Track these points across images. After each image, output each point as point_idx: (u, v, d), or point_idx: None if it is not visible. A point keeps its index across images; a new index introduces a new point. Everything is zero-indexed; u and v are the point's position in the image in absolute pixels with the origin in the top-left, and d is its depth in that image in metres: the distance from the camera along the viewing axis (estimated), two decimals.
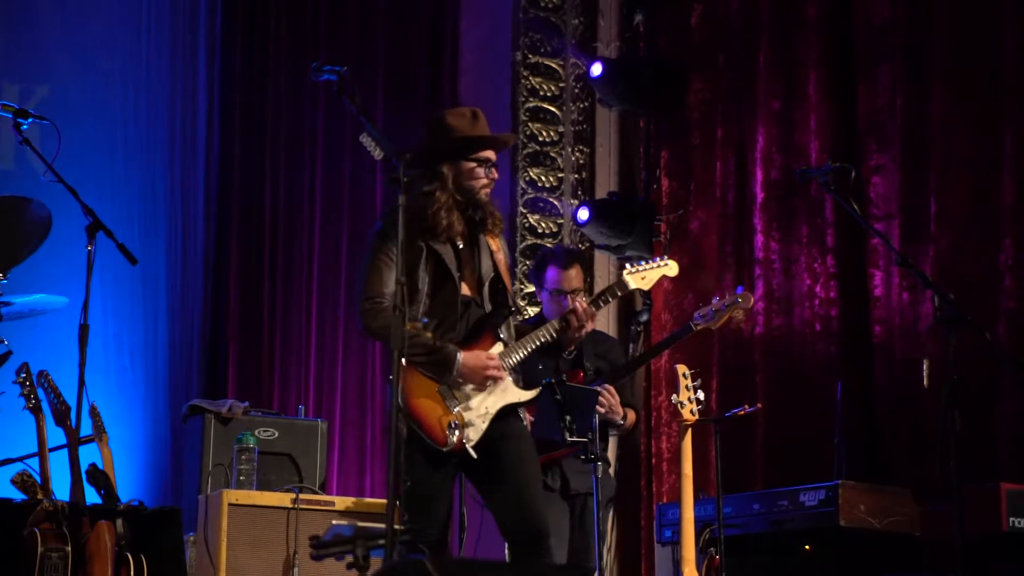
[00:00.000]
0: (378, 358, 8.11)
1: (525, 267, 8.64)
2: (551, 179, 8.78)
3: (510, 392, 5.02)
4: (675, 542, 6.29)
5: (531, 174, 8.76)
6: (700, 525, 6.24)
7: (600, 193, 8.71)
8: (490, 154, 5.10)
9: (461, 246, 5.04)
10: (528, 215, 8.72)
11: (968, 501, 5.84)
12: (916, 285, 7.00)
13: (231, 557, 5.92)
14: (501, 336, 5.05)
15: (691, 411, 5.88)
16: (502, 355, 5.01)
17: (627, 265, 5.56)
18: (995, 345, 6.23)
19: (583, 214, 8.36)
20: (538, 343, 5.13)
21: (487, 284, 5.07)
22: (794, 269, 7.67)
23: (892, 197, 7.29)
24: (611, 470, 6.67)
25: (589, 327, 5.26)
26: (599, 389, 5.72)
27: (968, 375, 5.72)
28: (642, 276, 5.46)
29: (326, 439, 6.84)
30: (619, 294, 5.57)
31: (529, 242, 8.69)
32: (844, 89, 7.60)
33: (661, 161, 8.52)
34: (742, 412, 6.15)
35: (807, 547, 6.50)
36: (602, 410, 5.77)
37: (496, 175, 5.11)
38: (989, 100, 7.00)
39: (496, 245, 5.13)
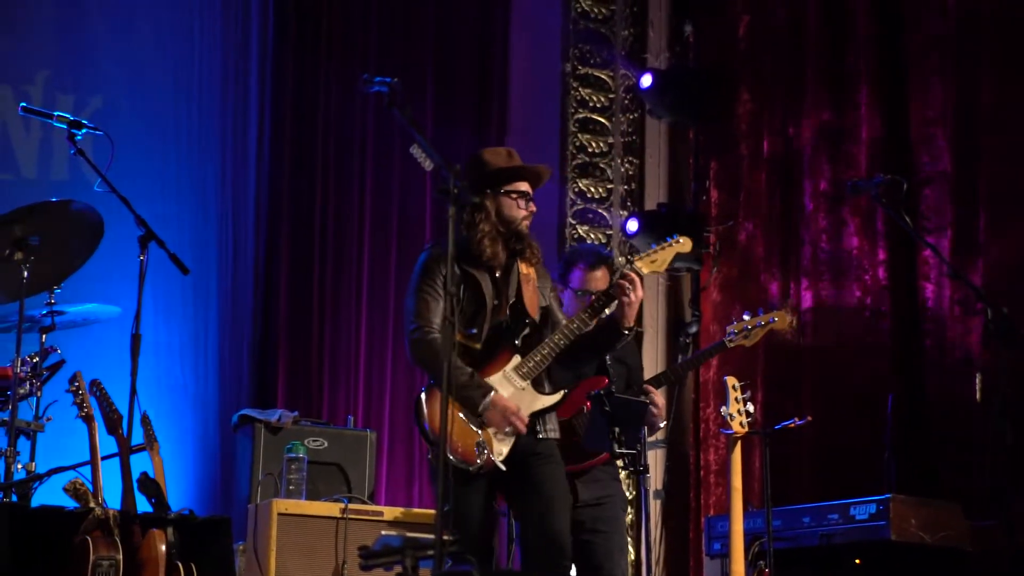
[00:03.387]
0: None
1: None
2: (600, 190, 8.76)
3: (533, 400, 5.10)
4: (724, 555, 6.26)
5: (580, 185, 8.74)
6: (749, 538, 6.18)
7: (649, 204, 8.68)
8: (526, 187, 5.23)
9: (498, 275, 5.18)
10: (577, 226, 8.70)
11: (1019, 516, 5.79)
12: (968, 298, 6.94)
13: (280, 566, 5.93)
14: (517, 344, 5.13)
15: (740, 423, 5.83)
16: (519, 366, 5.10)
17: (632, 256, 5.34)
18: None
19: (632, 225, 8.33)
20: (565, 338, 5.11)
21: (509, 306, 5.19)
22: (843, 281, 7.62)
23: (944, 209, 7.23)
24: (654, 480, 6.64)
25: (640, 294, 5.14)
26: (647, 400, 5.67)
27: (1020, 388, 5.66)
28: (652, 259, 5.31)
29: (375, 449, 6.86)
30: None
31: None
32: (894, 100, 7.55)
33: (710, 172, 8.49)
34: (792, 425, 6.10)
35: (857, 561, 6.45)
36: (656, 411, 5.76)
37: (534, 208, 5.24)
38: None
39: (526, 270, 5.24)
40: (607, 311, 5.23)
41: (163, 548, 5.04)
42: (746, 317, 5.93)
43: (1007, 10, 7.12)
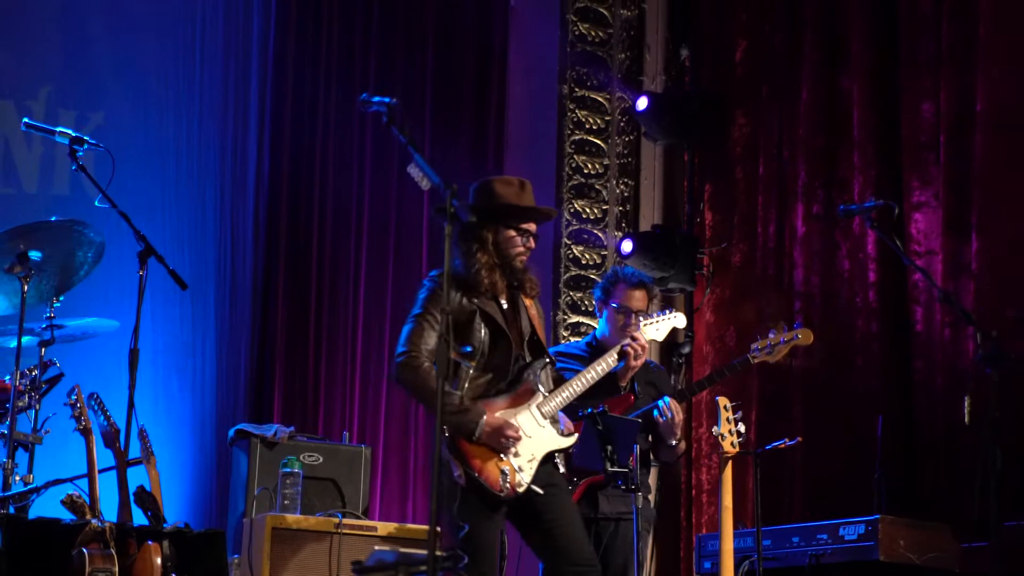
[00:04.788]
0: None
1: (569, 298, 8.64)
2: (596, 211, 8.78)
3: (552, 439, 5.14)
4: (714, 573, 6.27)
5: (576, 206, 8.76)
6: (739, 556, 6.20)
7: (644, 225, 8.71)
8: (531, 225, 5.26)
9: (505, 305, 5.21)
10: (572, 246, 8.72)
11: (1008, 539, 5.79)
12: (958, 322, 6.95)
13: None
14: (540, 387, 5.18)
15: (732, 443, 5.85)
16: (541, 404, 5.14)
17: (642, 317, 5.72)
18: None
19: (627, 246, 8.35)
20: (584, 385, 5.23)
21: (526, 340, 5.23)
22: (835, 303, 7.64)
23: (934, 234, 7.25)
24: (651, 497, 6.66)
25: (641, 361, 5.45)
26: (638, 420, 5.71)
27: (1009, 412, 5.67)
28: (657, 328, 5.65)
29: (370, 465, 6.85)
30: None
31: (573, 273, 8.69)
32: (887, 126, 7.57)
33: (705, 194, 8.51)
34: (783, 445, 6.11)
35: None
36: (662, 420, 5.82)
37: (534, 245, 5.26)
38: None
39: (530, 303, 5.29)
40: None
41: (158, 561, 5.04)
42: (771, 335, 5.96)
43: (999, 35, 7.15)
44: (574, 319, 8.61)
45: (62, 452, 5.98)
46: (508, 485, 4.99)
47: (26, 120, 6.19)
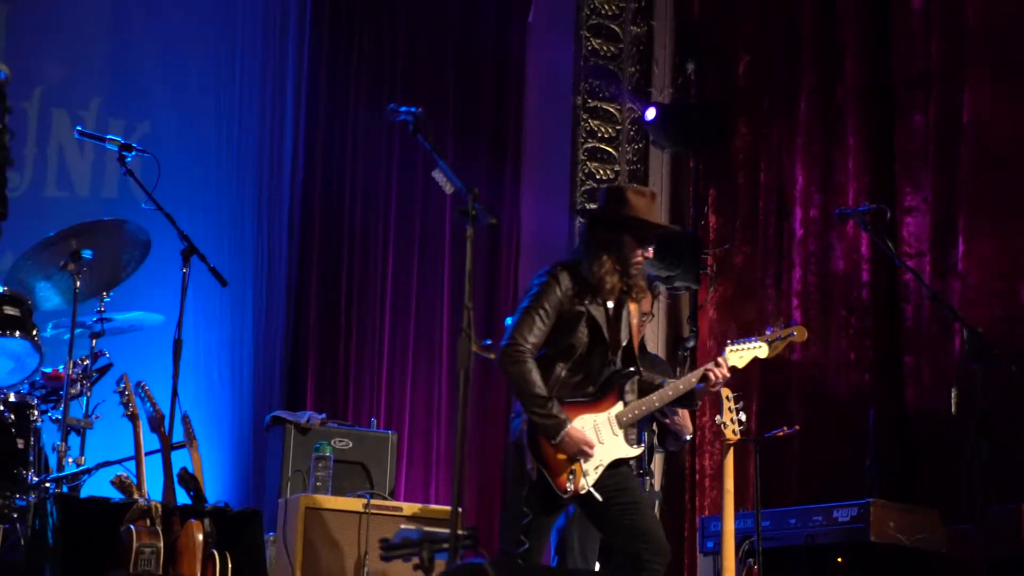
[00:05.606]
0: (444, 376, 8.13)
1: None
2: None
3: (620, 448, 4.98)
4: (716, 552, 6.26)
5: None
6: (740, 537, 6.19)
7: None
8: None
9: (611, 310, 5.03)
10: None
11: (992, 522, 5.78)
12: (945, 319, 6.94)
13: (307, 556, 5.94)
14: (625, 396, 5.03)
15: (733, 431, 5.83)
16: (620, 414, 4.99)
17: (728, 343, 5.41)
18: (1019, 377, 6.16)
19: None
20: (663, 401, 5.10)
21: (622, 348, 5.06)
22: (830, 301, 7.62)
23: (923, 237, 7.23)
24: (655, 481, 6.65)
25: (719, 386, 5.23)
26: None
27: (993, 404, 5.65)
28: (740, 356, 5.33)
29: (395, 449, 6.86)
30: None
31: None
32: (881, 135, 7.55)
33: (709, 199, 8.50)
34: (781, 433, 6.11)
35: (839, 560, 6.44)
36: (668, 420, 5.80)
37: (651, 255, 5.10)
38: (1014, 149, 6.95)
39: (635, 310, 5.12)
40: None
41: (200, 537, 5.04)
42: (768, 331, 5.92)
43: (982, 54, 7.13)
44: None
45: (111, 436, 6.00)
46: (572, 487, 4.87)
47: (79, 128, 6.23)
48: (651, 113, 8.52)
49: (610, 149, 8.85)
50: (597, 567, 5.88)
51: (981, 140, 7.03)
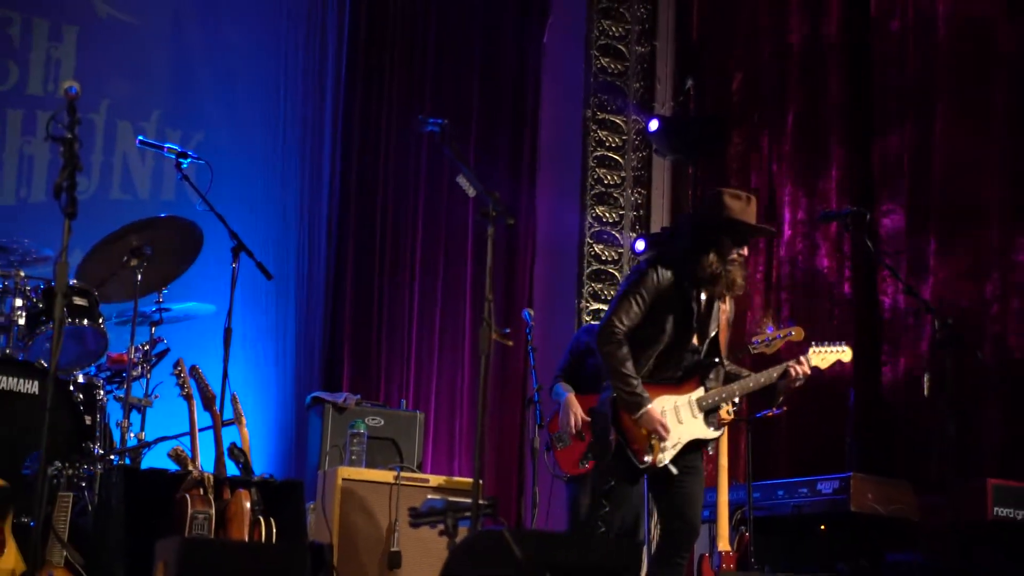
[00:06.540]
0: (467, 362, 8.15)
1: (591, 288, 8.66)
2: (613, 215, 8.79)
3: (698, 429, 4.94)
4: (712, 521, 6.28)
5: (597, 211, 8.78)
6: (733, 507, 6.22)
7: (654, 228, 8.71)
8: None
9: (704, 302, 4.95)
10: (594, 245, 8.74)
11: (959, 493, 5.79)
12: (919, 310, 6.94)
13: (343, 523, 5.96)
14: (707, 382, 4.97)
15: (727, 412, 5.85)
16: (701, 398, 4.93)
17: (812, 344, 5.31)
18: (983, 362, 6.18)
19: (640, 245, 8.38)
20: (743, 390, 5.05)
21: (708, 339, 5.00)
22: (815, 295, 7.62)
23: (900, 236, 7.24)
24: None
25: (800, 383, 5.16)
26: None
27: (961, 387, 5.67)
28: (822, 357, 5.26)
29: (423, 427, 6.87)
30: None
31: (594, 268, 8.71)
32: (862, 146, 7.56)
33: None
34: (770, 414, 6.13)
35: (822, 527, 6.46)
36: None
37: (746, 253, 5.04)
38: (979, 159, 6.96)
39: (724, 307, 5.06)
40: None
41: (248, 505, 5.08)
42: (768, 330, 5.89)
43: (956, 71, 7.14)
44: (595, 306, 8.64)
45: (168, 414, 6.02)
46: (649, 459, 4.82)
47: (140, 138, 6.27)
48: (654, 125, 8.53)
49: (617, 157, 8.87)
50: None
51: (950, 155, 7.04)
